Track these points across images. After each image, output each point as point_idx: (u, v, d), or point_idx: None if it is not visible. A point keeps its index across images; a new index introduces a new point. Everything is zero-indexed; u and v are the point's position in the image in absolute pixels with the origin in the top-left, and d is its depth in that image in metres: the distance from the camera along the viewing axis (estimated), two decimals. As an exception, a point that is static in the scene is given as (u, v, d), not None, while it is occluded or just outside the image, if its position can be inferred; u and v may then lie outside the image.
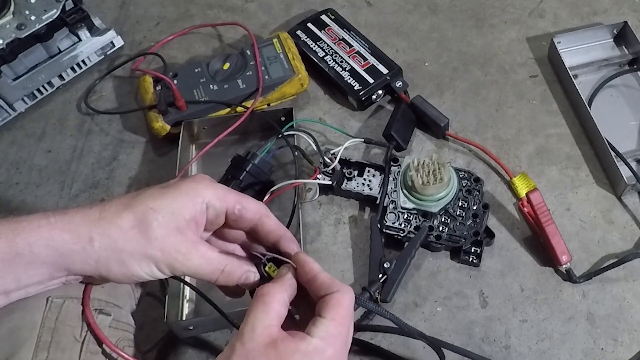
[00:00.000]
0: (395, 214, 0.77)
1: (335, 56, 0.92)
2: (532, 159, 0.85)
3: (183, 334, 0.71)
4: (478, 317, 0.73)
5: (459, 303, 0.74)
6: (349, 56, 0.92)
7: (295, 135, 0.82)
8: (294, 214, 0.76)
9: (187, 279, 0.72)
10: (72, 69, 0.95)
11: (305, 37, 0.95)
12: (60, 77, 0.94)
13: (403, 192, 0.77)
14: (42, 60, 0.92)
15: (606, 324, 0.72)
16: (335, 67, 0.91)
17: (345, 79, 0.89)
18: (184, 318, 0.73)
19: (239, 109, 0.86)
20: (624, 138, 0.84)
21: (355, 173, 0.82)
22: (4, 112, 0.91)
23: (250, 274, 0.47)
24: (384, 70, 0.90)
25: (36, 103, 0.94)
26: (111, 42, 0.98)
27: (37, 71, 0.91)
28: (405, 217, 0.77)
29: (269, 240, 0.49)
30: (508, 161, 0.84)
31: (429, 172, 0.75)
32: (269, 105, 0.90)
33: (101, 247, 0.43)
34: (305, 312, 0.45)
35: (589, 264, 0.76)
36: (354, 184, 0.81)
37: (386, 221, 0.77)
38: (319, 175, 0.80)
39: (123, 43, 0.99)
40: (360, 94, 0.88)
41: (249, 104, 0.86)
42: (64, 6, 0.90)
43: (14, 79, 0.89)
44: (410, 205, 0.76)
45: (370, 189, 0.80)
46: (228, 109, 0.87)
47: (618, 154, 0.81)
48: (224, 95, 0.87)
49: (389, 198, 0.78)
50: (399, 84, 0.88)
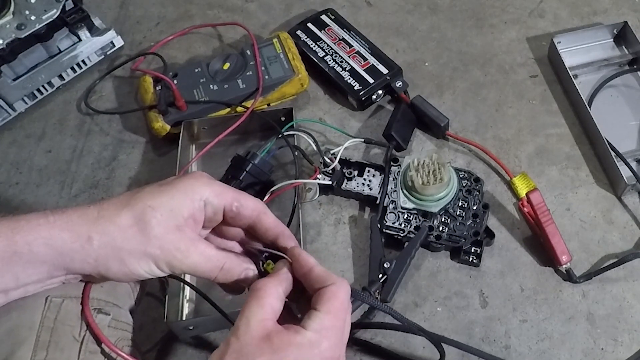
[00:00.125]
0: (395, 214, 0.77)
1: (335, 56, 0.92)
2: (532, 159, 0.85)
3: (183, 334, 0.71)
4: (478, 317, 0.73)
5: (459, 303, 0.74)
6: (349, 56, 0.92)
7: (295, 135, 0.82)
8: (294, 214, 0.76)
9: (187, 279, 0.73)
10: (72, 69, 0.95)
11: (305, 37, 0.95)
12: (60, 77, 0.95)
13: (403, 192, 0.77)
14: (42, 60, 0.92)
15: (606, 324, 0.72)
16: (335, 67, 0.91)
17: (345, 79, 0.89)
18: (184, 318, 0.73)
19: (239, 109, 0.86)
20: (624, 138, 0.84)
21: (355, 173, 0.82)
22: (4, 112, 0.91)
23: (249, 271, 0.47)
24: (384, 70, 0.90)
25: (36, 103, 0.94)
26: (111, 42, 0.98)
27: (37, 71, 0.91)
28: (405, 217, 0.77)
29: (267, 237, 0.49)
30: (508, 161, 0.84)
31: (429, 172, 0.75)
32: (269, 105, 0.90)
33: (100, 246, 0.43)
34: (304, 307, 0.45)
35: (589, 264, 0.76)
36: (354, 184, 0.81)
37: (386, 221, 0.77)
38: (319, 175, 0.80)
39: (123, 43, 1.00)
40: (360, 94, 0.88)
41: (249, 104, 0.86)
42: (64, 6, 0.90)
43: (14, 79, 0.89)
44: (410, 205, 0.76)
45: (370, 189, 0.80)
46: (228, 109, 0.87)
47: (618, 154, 0.81)
48: (224, 95, 0.87)
49: (389, 198, 0.78)
50: (399, 84, 0.88)
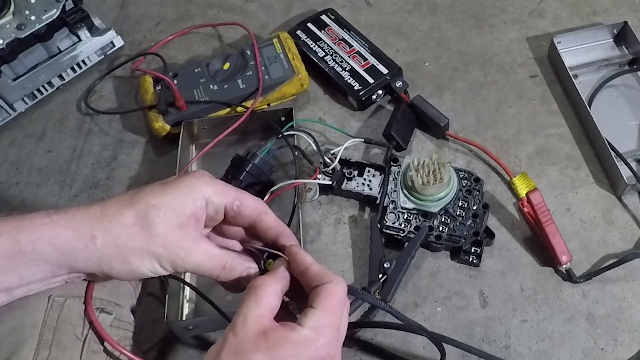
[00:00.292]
0: (395, 214, 0.77)
1: (335, 56, 0.92)
2: (532, 159, 0.85)
3: (183, 334, 0.71)
4: (478, 317, 0.73)
5: (459, 303, 0.74)
6: (349, 56, 0.92)
7: (295, 135, 0.82)
8: (294, 214, 0.76)
9: (187, 279, 0.73)
10: (72, 69, 0.95)
11: (305, 37, 0.95)
12: (60, 77, 0.94)
13: (403, 192, 0.77)
14: (42, 60, 0.92)
15: (606, 324, 0.72)
16: (335, 67, 0.91)
17: (345, 79, 0.89)
18: (184, 318, 0.73)
19: (239, 109, 0.86)
20: (624, 138, 0.84)
21: (355, 173, 0.82)
22: (4, 112, 0.91)
23: (251, 270, 0.48)
24: (384, 70, 0.90)
25: (36, 103, 0.94)
26: (111, 42, 0.98)
27: (37, 71, 0.91)
28: (405, 217, 0.77)
29: (268, 236, 0.49)
30: (508, 161, 0.84)
31: (429, 172, 0.75)
32: (269, 105, 0.90)
33: (103, 245, 0.43)
34: (302, 305, 0.46)
35: (589, 264, 0.76)
36: (354, 184, 0.81)
37: (386, 221, 0.77)
38: (319, 175, 0.80)
39: (123, 43, 1.00)
40: (360, 94, 0.88)
41: (249, 104, 0.86)
42: (64, 6, 0.90)
43: (14, 79, 0.89)
44: (410, 205, 0.77)
45: (370, 189, 0.80)
46: (228, 109, 0.87)
47: (618, 154, 0.81)
48: (224, 95, 0.87)
49: (389, 198, 0.78)
50: (399, 84, 0.88)
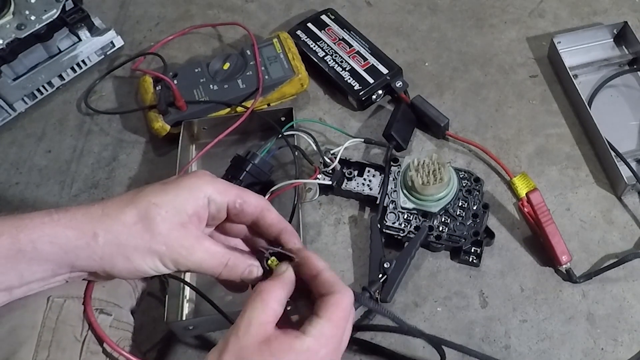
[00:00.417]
0: (395, 214, 0.77)
1: (335, 56, 0.92)
2: (532, 159, 0.85)
3: (183, 334, 0.71)
4: (478, 317, 0.73)
5: (459, 303, 0.74)
6: (349, 56, 0.92)
7: (295, 135, 0.82)
8: (294, 214, 0.76)
9: (187, 279, 0.73)
10: (72, 69, 0.95)
11: (305, 37, 0.95)
12: (60, 77, 0.94)
13: (403, 192, 0.77)
14: (42, 60, 0.92)
15: (606, 324, 0.72)
16: (335, 67, 0.91)
17: (345, 79, 0.89)
18: (184, 318, 0.73)
19: (239, 109, 0.86)
20: (624, 138, 0.84)
21: (355, 173, 0.82)
22: (4, 112, 0.91)
23: (253, 268, 0.47)
24: (384, 70, 0.90)
25: (36, 103, 0.94)
26: (111, 42, 0.98)
27: (37, 71, 0.91)
28: (405, 217, 0.77)
29: (271, 233, 0.49)
30: (508, 161, 0.84)
31: (429, 172, 0.75)
32: (269, 105, 0.90)
33: (105, 243, 0.43)
34: (302, 308, 0.45)
35: (589, 264, 0.76)
36: (354, 184, 0.81)
37: (386, 221, 0.77)
38: (319, 175, 0.80)
39: (123, 43, 1.00)
40: (360, 94, 0.88)
41: (249, 104, 0.86)
42: (64, 6, 0.90)
43: (14, 79, 0.89)
44: (410, 205, 0.76)
45: (370, 189, 0.80)
46: (228, 109, 0.87)
47: (618, 154, 0.81)
48: (224, 95, 0.87)
49: (389, 198, 0.78)
50: (399, 84, 0.88)
